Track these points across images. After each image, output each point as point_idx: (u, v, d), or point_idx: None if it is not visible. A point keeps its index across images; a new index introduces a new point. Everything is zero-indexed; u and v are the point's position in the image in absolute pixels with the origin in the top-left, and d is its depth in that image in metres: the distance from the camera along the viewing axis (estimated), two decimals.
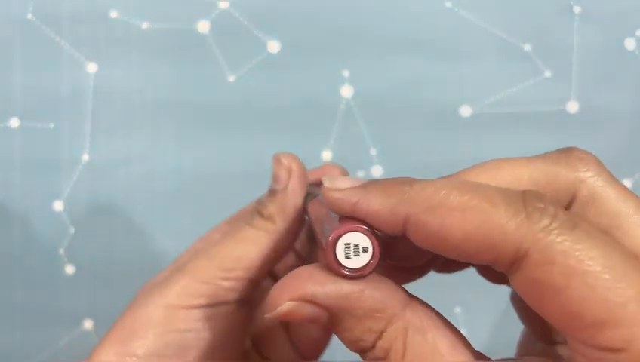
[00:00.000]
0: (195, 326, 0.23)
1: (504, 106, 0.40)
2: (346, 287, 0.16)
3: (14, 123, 0.40)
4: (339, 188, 0.17)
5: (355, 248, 0.16)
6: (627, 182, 0.41)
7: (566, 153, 0.17)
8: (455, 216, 0.14)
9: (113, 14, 0.40)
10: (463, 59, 0.40)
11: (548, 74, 0.40)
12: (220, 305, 0.23)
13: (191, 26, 0.40)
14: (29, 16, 0.40)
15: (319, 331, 0.26)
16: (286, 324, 0.27)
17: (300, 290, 0.16)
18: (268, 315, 0.17)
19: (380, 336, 0.16)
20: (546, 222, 0.14)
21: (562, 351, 0.20)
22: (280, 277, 0.27)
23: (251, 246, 0.24)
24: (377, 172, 0.41)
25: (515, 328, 0.23)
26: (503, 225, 0.14)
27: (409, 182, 0.16)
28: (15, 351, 0.40)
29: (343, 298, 0.16)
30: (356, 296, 0.16)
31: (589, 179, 0.16)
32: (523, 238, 0.14)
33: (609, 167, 0.41)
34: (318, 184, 0.26)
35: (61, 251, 0.40)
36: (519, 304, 0.21)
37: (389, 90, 0.40)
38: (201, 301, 0.23)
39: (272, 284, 0.28)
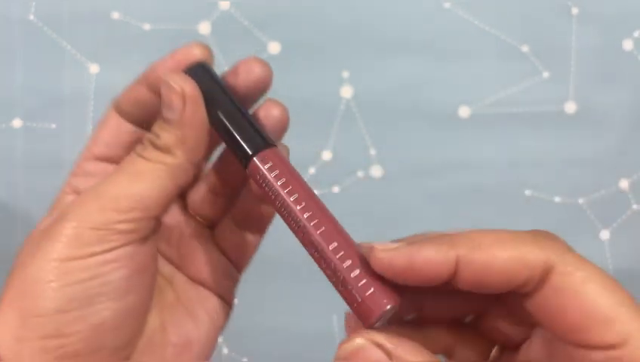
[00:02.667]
0: (96, 272, 0.21)
1: (502, 107, 0.41)
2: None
3: (17, 123, 0.40)
4: (390, 248, 0.19)
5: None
6: (625, 182, 0.41)
7: (534, 235, 0.20)
8: (496, 248, 0.19)
9: (115, 15, 0.40)
10: (462, 60, 0.40)
11: (546, 74, 0.41)
12: (119, 248, 0.21)
13: (192, 27, 0.40)
14: (31, 17, 0.40)
15: (248, 235, 0.25)
16: (213, 231, 0.26)
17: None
18: None
19: None
20: (561, 246, 0.19)
21: None
22: (190, 202, 0.25)
23: (149, 183, 0.21)
24: (377, 172, 0.41)
25: None
26: (532, 248, 0.18)
27: (446, 234, 0.20)
28: None
29: None
30: None
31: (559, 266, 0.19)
32: (549, 256, 0.18)
33: (608, 166, 0.42)
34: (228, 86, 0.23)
35: None
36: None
37: (389, 91, 0.40)
38: (97, 248, 0.21)
39: (180, 206, 0.25)
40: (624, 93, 0.41)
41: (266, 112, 0.24)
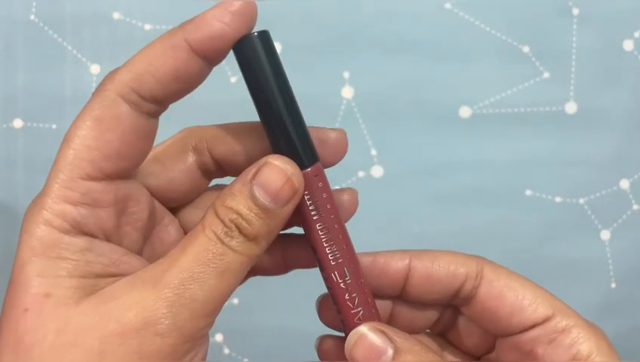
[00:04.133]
0: None
1: (503, 107, 0.41)
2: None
3: (17, 123, 0.40)
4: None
5: None
6: (625, 182, 0.41)
7: None
8: (438, 256, 0.23)
9: (116, 16, 0.40)
10: (463, 61, 0.40)
11: (547, 75, 0.41)
12: (200, 351, 0.20)
13: None
14: (32, 17, 0.40)
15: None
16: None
17: None
18: None
19: None
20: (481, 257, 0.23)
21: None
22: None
23: (233, 280, 0.19)
24: (377, 172, 0.41)
25: None
26: (466, 260, 0.22)
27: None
28: None
29: None
30: None
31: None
32: (478, 262, 0.22)
33: (608, 167, 0.42)
34: None
35: None
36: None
37: (389, 91, 0.40)
38: (187, 359, 0.19)
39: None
40: (625, 94, 0.41)
41: (325, 135, 0.24)
